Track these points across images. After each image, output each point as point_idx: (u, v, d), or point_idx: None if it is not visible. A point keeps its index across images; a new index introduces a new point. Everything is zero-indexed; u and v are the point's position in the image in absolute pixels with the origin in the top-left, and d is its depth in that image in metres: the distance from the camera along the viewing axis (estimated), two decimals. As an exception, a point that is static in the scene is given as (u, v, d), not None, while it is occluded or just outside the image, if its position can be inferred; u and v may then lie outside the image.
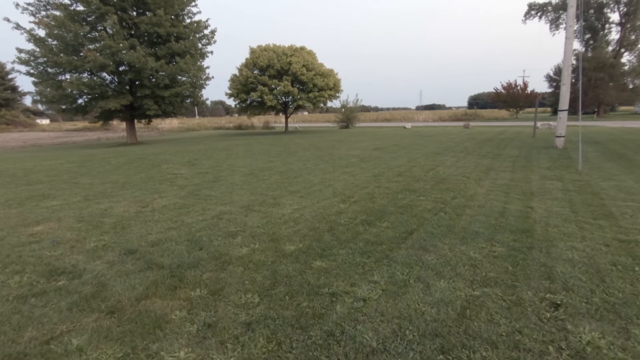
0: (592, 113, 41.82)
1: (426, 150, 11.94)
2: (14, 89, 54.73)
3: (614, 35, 41.90)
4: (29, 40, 17.10)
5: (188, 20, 20.54)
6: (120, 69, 18.76)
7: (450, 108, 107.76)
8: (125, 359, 1.99)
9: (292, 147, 14.57)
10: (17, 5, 17.04)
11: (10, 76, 53.08)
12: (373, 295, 2.58)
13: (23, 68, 17.53)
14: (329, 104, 29.53)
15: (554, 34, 44.29)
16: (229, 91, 26.73)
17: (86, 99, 19.10)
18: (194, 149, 15.43)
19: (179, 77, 20.04)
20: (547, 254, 3.22)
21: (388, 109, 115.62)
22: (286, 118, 29.78)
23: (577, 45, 39.30)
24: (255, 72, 25.88)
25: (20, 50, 17.12)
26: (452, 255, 3.25)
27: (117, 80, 19.47)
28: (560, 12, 40.83)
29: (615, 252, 3.23)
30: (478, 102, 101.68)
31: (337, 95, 28.27)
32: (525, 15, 44.17)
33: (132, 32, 18.91)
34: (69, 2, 17.62)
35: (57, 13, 17.09)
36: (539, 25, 49.67)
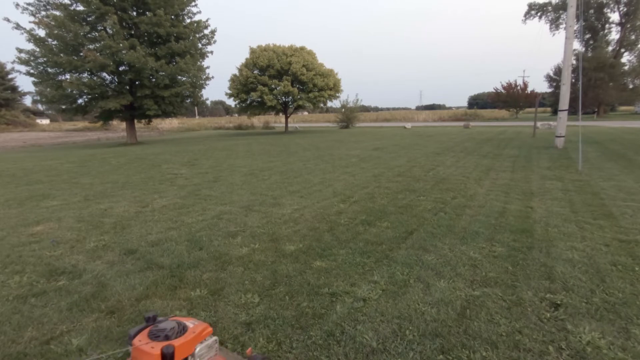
0: (592, 113, 41.82)
1: (426, 150, 11.94)
2: (14, 89, 54.71)
3: (614, 35, 41.93)
4: (29, 40, 17.11)
5: (188, 20, 20.55)
6: (120, 69, 18.77)
7: (450, 108, 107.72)
8: (125, 359, 1.99)
9: (292, 147, 14.57)
10: (17, 5, 17.06)
11: (10, 76, 53.06)
12: (373, 295, 2.58)
13: (23, 68, 17.56)
14: (329, 104, 29.56)
15: (554, 34, 44.31)
16: (229, 91, 26.74)
17: (86, 99, 19.11)
18: (194, 149, 15.43)
19: (179, 77, 20.04)
20: (547, 254, 3.22)
21: (388, 109, 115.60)
22: (286, 118, 29.79)
23: (577, 45, 39.32)
24: (255, 72, 25.89)
25: (20, 50, 17.13)
26: (452, 255, 3.25)
27: (117, 80, 19.48)
28: (560, 12, 40.84)
29: (615, 252, 3.23)
30: (478, 102, 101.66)
31: (337, 95, 28.29)
32: (525, 15, 44.20)
33: (132, 32, 18.91)
34: (69, 2, 17.63)
35: (57, 13, 17.09)
36: (539, 25, 49.66)
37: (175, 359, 1.33)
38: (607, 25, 41.69)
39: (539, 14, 43.43)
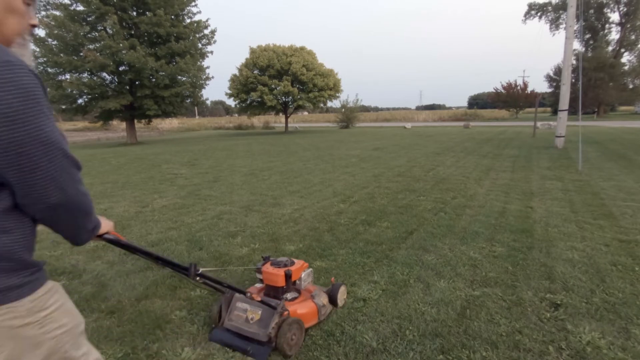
0: (592, 113, 41.84)
1: (426, 150, 11.95)
2: (14, 89, 54.60)
3: (614, 35, 41.97)
4: (29, 40, 17.10)
5: (188, 20, 20.55)
6: (120, 69, 18.77)
7: (450, 108, 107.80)
8: (125, 359, 1.99)
9: (292, 147, 14.57)
10: (17, 5, 17.05)
11: (10, 76, 52.97)
12: (373, 295, 2.58)
13: (23, 68, 17.53)
14: (329, 104, 29.57)
15: (554, 34, 44.35)
16: (229, 91, 26.75)
17: (86, 99, 19.11)
18: (194, 149, 15.43)
19: (179, 77, 20.04)
20: (547, 254, 3.22)
21: (388, 109, 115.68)
22: (286, 118, 29.79)
23: (577, 45, 39.32)
24: (255, 72, 25.90)
25: (20, 50, 17.11)
26: (452, 255, 3.25)
27: (117, 80, 19.47)
28: (560, 12, 40.86)
29: (615, 252, 3.23)
30: (478, 102, 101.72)
31: (337, 95, 28.29)
32: (525, 15, 44.23)
33: (132, 32, 18.91)
34: (69, 2, 17.64)
35: (57, 13, 17.11)
36: (539, 25, 49.70)
37: (292, 278, 2.21)
38: (607, 25, 41.73)
39: (539, 14, 43.47)
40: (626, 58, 41.93)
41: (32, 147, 0.79)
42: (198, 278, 1.60)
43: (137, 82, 19.02)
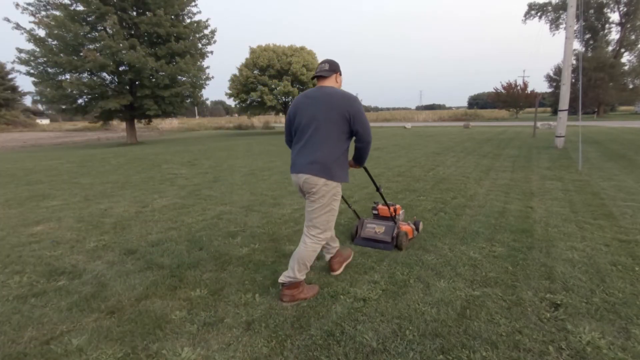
0: (592, 113, 41.86)
1: (426, 150, 11.95)
2: (14, 89, 54.57)
3: (614, 35, 41.99)
4: (29, 40, 17.12)
5: (188, 20, 20.57)
6: (120, 69, 18.78)
7: (450, 108, 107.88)
8: (125, 359, 1.99)
9: (292, 147, 14.55)
10: (17, 5, 17.07)
11: (10, 76, 52.92)
12: (373, 295, 2.58)
13: (23, 68, 17.56)
14: (329, 104, 29.50)
15: (554, 34, 44.37)
16: (229, 91, 26.73)
17: (86, 99, 19.12)
18: (194, 149, 15.43)
19: (179, 77, 20.05)
20: (547, 254, 3.22)
21: (388, 109, 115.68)
22: (286, 118, 29.75)
23: (577, 45, 39.36)
24: (255, 72, 25.88)
25: (20, 50, 17.13)
26: (452, 255, 3.25)
27: (117, 80, 19.48)
28: (560, 12, 40.87)
29: (615, 252, 3.23)
30: (478, 102, 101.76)
31: (337, 95, 28.23)
32: (525, 15, 44.23)
33: (132, 32, 18.92)
34: (69, 2, 17.64)
35: (57, 13, 17.11)
36: (539, 25, 49.69)
37: (395, 214, 3.64)
38: (607, 25, 41.74)
39: (539, 14, 43.48)
40: (626, 58, 42.00)
41: (364, 121, 2.45)
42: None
43: (137, 82, 19.03)
